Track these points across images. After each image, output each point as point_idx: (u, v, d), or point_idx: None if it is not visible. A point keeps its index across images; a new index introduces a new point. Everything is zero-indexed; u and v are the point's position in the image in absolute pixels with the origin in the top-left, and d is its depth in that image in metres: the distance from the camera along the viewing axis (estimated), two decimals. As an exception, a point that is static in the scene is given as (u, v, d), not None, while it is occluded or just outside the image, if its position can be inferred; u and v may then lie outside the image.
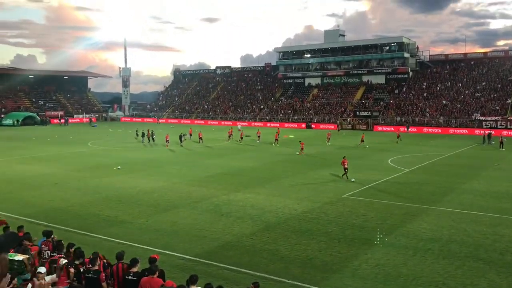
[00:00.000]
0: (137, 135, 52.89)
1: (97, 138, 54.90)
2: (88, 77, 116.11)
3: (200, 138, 48.96)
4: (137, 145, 47.90)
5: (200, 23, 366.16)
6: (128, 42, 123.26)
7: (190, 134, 53.10)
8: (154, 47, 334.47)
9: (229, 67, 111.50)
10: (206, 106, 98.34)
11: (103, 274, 8.72)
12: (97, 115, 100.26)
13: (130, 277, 8.73)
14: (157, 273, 8.63)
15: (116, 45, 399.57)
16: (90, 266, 8.91)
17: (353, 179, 26.51)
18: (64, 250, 9.84)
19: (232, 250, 14.63)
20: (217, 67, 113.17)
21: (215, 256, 13.94)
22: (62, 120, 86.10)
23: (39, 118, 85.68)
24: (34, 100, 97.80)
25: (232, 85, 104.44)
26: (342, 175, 27.37)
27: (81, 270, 9.00)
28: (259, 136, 50.79)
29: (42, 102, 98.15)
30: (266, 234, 16.31)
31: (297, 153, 39.33)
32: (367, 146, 45.06)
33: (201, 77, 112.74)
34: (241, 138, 51.91)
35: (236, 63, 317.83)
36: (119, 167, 31.35)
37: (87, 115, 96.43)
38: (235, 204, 20.74)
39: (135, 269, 8.86)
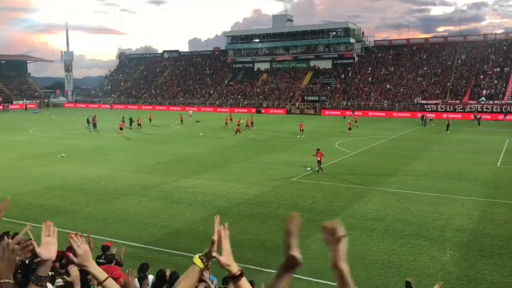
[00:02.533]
0: (88, 122, 49.05)
1: (39, 125, 52.57)
2: (28, 61, 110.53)
3: (139, 124, 47.57)
4: (81, 132, 46.37)
5: (146, 5, 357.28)
6: (70, 25, 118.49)
7: (150, 120, 53.79)
8: (98, 29, 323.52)
9: (177, 51, 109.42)
10: (153, 91, 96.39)
11: None
12: (38, 101, 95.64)
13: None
14: (114, 262, 8.29)
15: (57, 27, 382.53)
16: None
17: (308, 168, 25.38)
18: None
19: (184, 236, 14.58)
20: (164, 51, 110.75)
21: (166, 243, 13.85)
22: (1, 107, 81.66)
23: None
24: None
25: (180, 69, 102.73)
26: (318, 170, 24.57)
27: (26, 262, 8.64)
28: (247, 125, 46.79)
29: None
30: (217, 219, 16.33)
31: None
32: (346, 133, 42.33)
33: (148, 61, 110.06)
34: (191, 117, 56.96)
35: (184, 47, 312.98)
36: (63, 154, 30.22)
37: (28, 101, 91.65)
38: (186, 191, 20.61)
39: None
